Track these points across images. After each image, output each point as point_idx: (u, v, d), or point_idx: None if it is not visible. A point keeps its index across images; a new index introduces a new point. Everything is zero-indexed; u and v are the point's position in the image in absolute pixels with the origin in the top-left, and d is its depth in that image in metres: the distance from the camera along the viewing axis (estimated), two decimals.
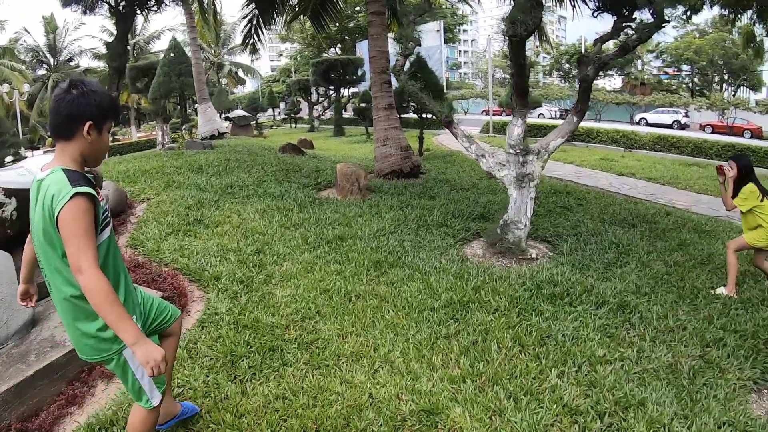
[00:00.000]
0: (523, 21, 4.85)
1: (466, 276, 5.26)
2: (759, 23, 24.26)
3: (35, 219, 2.29)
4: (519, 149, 5.73)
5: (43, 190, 2.21)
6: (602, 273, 5.64)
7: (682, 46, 60.40)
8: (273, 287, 5.15)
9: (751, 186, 5.33)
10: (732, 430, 3.19)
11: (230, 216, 7.36)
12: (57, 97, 2.26)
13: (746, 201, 5.33)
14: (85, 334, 2.38)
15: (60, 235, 2.17)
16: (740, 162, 5.47)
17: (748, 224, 5.49)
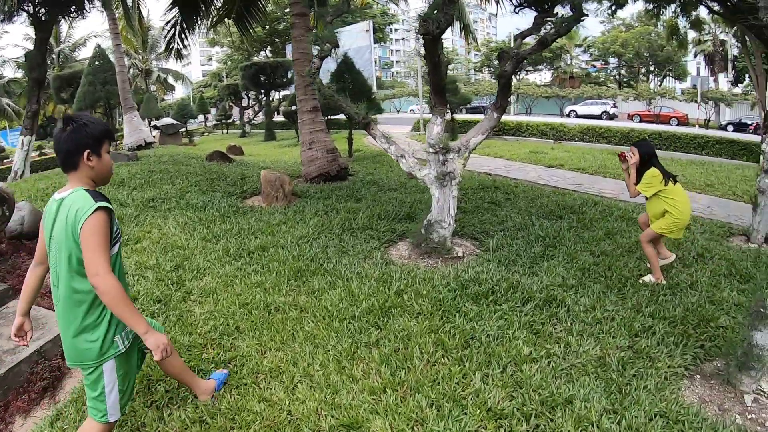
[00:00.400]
0: (435, 18, 4.74)
1: (389, 280, 5.12)
2: (682, 16, 25.16)
3: (56, 233, 2.59)
4: (439, 148, 5.62)
5: (66, 206, 2.55)
6: (529, 268, 5.57)
7: (609, 39, 62.23)
8: (191, 304, 4.93)
9: (653, 170, 5.26)
10: (664, 421, 3.14)
11: (150, 231, 7.07)
12: (56, 137, 2.63)
13: (650, 186, 5.27)
14: (84, 341, 2.63)
15: (80, 245, 2.49)
16: (642, 148, 5.45)
17: (654, 211, 5.42)
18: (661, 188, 5.22)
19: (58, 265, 2.59)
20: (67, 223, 2.51)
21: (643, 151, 5.41)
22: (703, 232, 7.48)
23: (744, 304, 4.78)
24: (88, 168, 2.64)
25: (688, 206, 5.32)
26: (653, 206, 5.40)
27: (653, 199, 5.34)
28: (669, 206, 5.22)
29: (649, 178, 5.26)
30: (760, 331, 3.41)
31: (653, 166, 5.29)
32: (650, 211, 5.50)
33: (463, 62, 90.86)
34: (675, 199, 5.23)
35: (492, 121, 5.95)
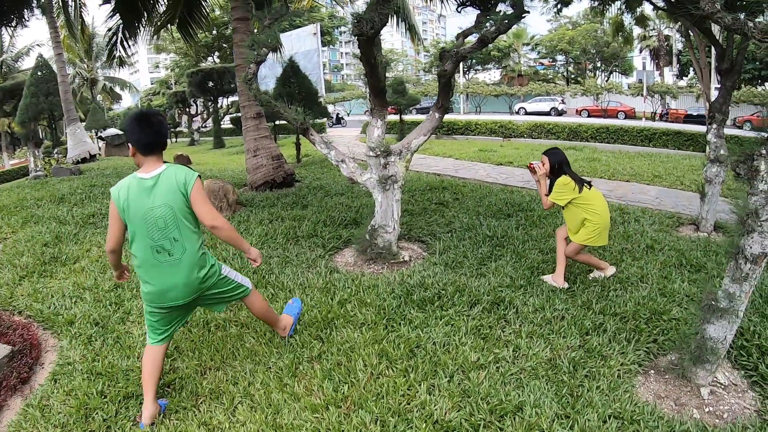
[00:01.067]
0: (369, 19, 4.58)
1: (333, 290, 4.97)
2: (627, 13, 25.64)
3: (160, 199, 3.21)
4: (380, 151, 5.48)
5: (169, 176, 3.23)
6: (476, 269, 5.47)
7: (556, 37, 63.32)
8: (130, 325, 4.69)
9: (564, 178, 5.00)
10: (618, 423, 3.06)
11: (90, 249, 6.81)
12: (151, 125, 3.26)
13: (562, 194, 5.00)
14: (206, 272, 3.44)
15: (190, 205, 3.27)
16: (552, 157, 5.18)
17: (573, 221, 5.09)
18: (575, 195, 4.96)
19: (178, 232, 3.26)
20: (177, 186, 3.22)
21: (553, 159, 5.15)
22: (653, 223, 7.51)
23: (696, 295, 4.77)
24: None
25: (606, 210, 5.10)
26: (571, 216, 5.11)
27: (570, 208, 5.07)
28: (588, 213, 4.96)
29: (560, 186, 5.02)
30: (712, 324, 3.36)
31: (564, 174, 5.07)
32: (569, 221, 5.20)
33: (412, 63, 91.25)
34: (592, 203, 4.99)
35: (434, 122, 5.84)
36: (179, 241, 3.26)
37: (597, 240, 5.05)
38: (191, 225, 3.32)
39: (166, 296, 3.34)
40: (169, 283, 3.31)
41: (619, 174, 12.27)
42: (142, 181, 3.21)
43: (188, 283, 3.34)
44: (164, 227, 3.21)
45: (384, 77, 5.36)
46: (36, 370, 4.24)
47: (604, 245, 5.46)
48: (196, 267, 3.34)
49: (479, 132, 23.98)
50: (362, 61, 5.04)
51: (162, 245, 3.24)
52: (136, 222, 3.22)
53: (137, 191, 3.20)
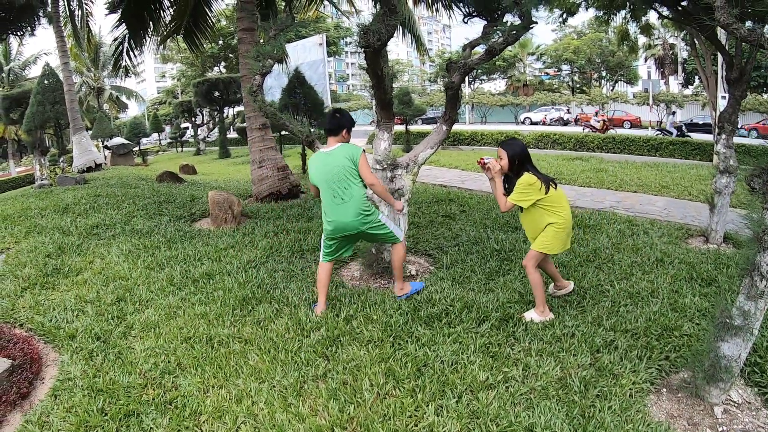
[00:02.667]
0: (376, 30, 4.52)
1: (338, 305, 4.89)
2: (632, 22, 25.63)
3: (337, 167, 4.69)
4: (386, 164, 5.41)
5: (344, 150, 4.74)
6: (484, 284, 5.38)
7: (561, 47, 63.39)
8: (132, 340, 4.61)
9: (528, 176, 4.42)
10: None
11: (93, 261, 6.74)
12: (332, 118, 4.91)
13: (527, 196, 4.43)
14: (366, 216, 4.76)
15: (357, 168, 4.69)
16: (511, 149, 4.54)
17: (535, 226, 4.58)
18: (541, 196, 4.43)
19: (347, 184, 4.69)
20: (348, 156, 4.69)
21: (511, 153, 4.52)
22: (661, 235, 7.42)
23: (708, 310, 4.68)
24: (342, 136, 4.88)
25: (570, 212, 4.63)
26: (533, 219, 4.59)
27: (531, 211, 4.53)
28: (554, 215, 4.47)
29: (524, 186, 4.42)
30: (726, 342, 3.28)
31: (527, 171, 4.49)
32: (528, 226, 4.69)
33: (418, 73, 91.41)
34: (558, 205, 4.49)
35: (441, 134, 5.76)
36: (348, 190, 4.68)
37: (558, 246, 4.57)
38: (356, 182, 4.70)
39: (338, 228, 4.77)
40: (340, 219, 4.73)
41: (626, 185, 12.17)
42: (324, 153, 4.81)
43: (352, 221, 4.71)
44: (338, 180, 4.68)
45: (391, 89, 5.29)
46: (36, 385, 4.16)
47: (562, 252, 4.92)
48: (359, 210, 4.70)
49: (485, 142, 23.89)
50: (368, 73, 4.98)
51: (337, 192, 4.70)
52: (321, 179, 4.76)
53: (322, 159, 4.79)
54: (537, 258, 4.56)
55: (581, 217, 8.23)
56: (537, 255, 4.55)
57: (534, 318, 4.53)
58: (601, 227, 7.70)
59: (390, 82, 5.17)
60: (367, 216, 4.75)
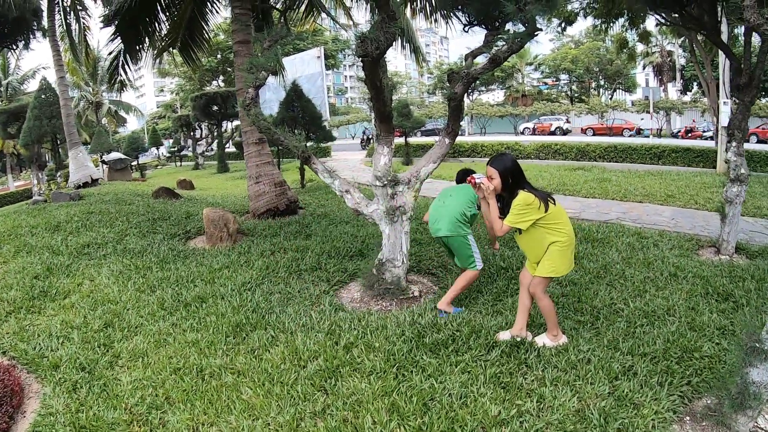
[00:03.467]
0: (374, 38, 4.26)
1: (338, 332, 4.58)
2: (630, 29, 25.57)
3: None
4: (387, 180, 5.13)
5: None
6: (492, 306, 5.09)
7: (559, 57, 63.61)
8: (119, 371, 4.36)
9: (525, 196, 3.98)
10: None
11: (82, 283, 6.49)
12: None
13: (525, 215, 4.00)
14: (453, 225, 5.02)
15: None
16: (502, 165, 4.08)
17: (537, 248, 4.15)
18: (541, 215, 4.02)
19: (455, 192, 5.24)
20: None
21: (503, 168, 4.07)
22: (672, 247, 7.17)
23: (727, 328, 4.46)
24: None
25: (572, 228, 4.25)
26: (533, 240, 4.16)
27: (531, 231, 4.10)
28: (556, 234, 4.07)
29: (521, 206, 3.97)
30: (755, 367, 3.03)
31: (521, 189, 4.05)
32: (529, 247, 4.25)
33: (416, 86, 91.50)
34: (559, 222, 4.10)
35: (443, 148, 5.49)
36: (452, 197, 5.17)
37: (566, 266, 4.18)
38: (461, 198, 5.12)
39: (432, 227, 5.20)
40: (434, 220, 5.17)
41: (631, 194, 11.93)
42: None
43: (441, 226, 5.06)
44: (449, 190, 5.32)
45: (390, 101, 5.03)
46: (17, 418, 3.94)
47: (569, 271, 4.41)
48: (452, 220, 5.02)
49: (486, 154, 23.61)
50: (367, 84, 4.69)
51: (444, 198, 5.24)
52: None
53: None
54: (545, 284, 4.23)
55: (588, 230, 7.96)
56: (545, 281, 4.21)
57: (547, 343, 4.24)
58: (610, 240, 7.44)
59: (390, 94, 4.91)
60: (456, 229, 5.03)
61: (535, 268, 4.21)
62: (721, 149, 16.64)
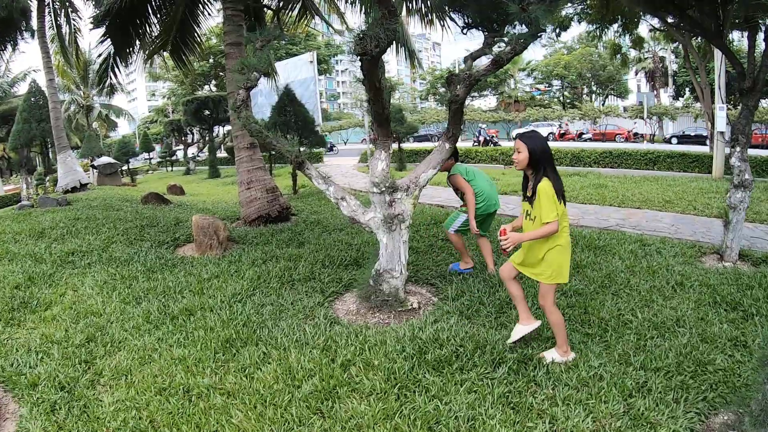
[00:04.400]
0: (374, 36, 4.00)
1: (334, 347, 4.30)
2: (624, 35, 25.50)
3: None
4: (384, 187, 4.88)
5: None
6: (495, 318, 4.84)
7: (552, 62, 63.74)
8: (100, 390, 4.07)
9: (547, 185, 3.72)
10: None
11: (65, 293, 6.20)
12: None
13: (553, 206, 3.71)
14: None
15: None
16: (531, 142, 3.82)
17: (534, 246, 3.91)
18: (562, 210, 3.79)
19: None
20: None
21: (532, 146, 3.80)
22: (675, 255, 6.96)
23: (738, 339, 4.28)
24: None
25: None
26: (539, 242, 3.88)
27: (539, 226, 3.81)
28: (562, 235, 3.84)
29: (550, 196, 3.70)
30: None
31: (546, 177, 3.76)
32: (530, 252, 3.98)
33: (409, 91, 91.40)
34: (565, 223, 3.85)
35: (443, 153, 5.25)
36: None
37: (567, 271, 3.95)
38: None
39: (493, 203, 6.30)
40: (493, 195, 6.28)
41: (629, 200, 11.73)
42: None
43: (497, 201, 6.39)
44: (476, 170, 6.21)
45: (389, 104, 4.78)
46: None
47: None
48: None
49: (480, 159, 23.46)
50: (365, 86, 4.41)
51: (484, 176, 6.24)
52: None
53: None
54: (553, 293, 3.96)
55: (589, 238, 7.74)
56: (552, 289, 3.94)
57: (556, 358, 4.00)
58: (612, 248, 7.23)
59: (388, 96, 4.66)
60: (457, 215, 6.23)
61: (524, 266, 4.04)
62: (716, 154, 16.54)
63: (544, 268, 3.89)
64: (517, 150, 3.89)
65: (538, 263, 3.92)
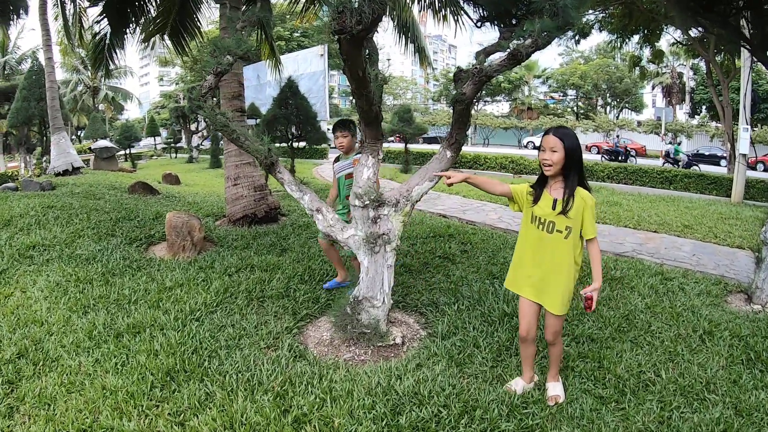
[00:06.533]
0: (357, 9, 3.18)
1: (290, 394, 3.50)
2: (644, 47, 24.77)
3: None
4: (368, 200, 4.07)
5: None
6: (491, 367, 4.01)
7: (568, 71, 63.04)
8: (16, 422, 3.36)
9: (589, 196, 3.27)
10: None
11: (11, 294, 5.48)
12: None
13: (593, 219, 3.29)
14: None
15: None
16: (569, 141, 3.21)
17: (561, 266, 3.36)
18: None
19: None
20: None
21: (569, 145, 3.20)
22: (699, 293, 6.13)
23: None
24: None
25: None
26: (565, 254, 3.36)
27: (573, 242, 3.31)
28: (581, 254, 3.40)
29: (589, 204, 3.25)
30: None
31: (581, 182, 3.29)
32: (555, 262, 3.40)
33: (421, 92, 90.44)
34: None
35: (443, 162, 4.42)
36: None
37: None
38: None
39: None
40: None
41: (645, 222, 10.93)
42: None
43: None
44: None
45: (379, 99, 3.95)
46: None
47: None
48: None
49: (488, 166, 22.66)
50: (346, 75, 3.59)
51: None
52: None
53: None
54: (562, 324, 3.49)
55: (605, 266, 6.90)
56: (562, 320, 3.48)
57: (559, 394, 3.57)
58: (630, 280, 6.41)
59: (379, 90, 3.85)
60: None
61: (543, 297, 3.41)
62: (737, 177, 15.81)
63: (563, 295, 3.35)
64: (551, 149, 3.21)
65: (556, 291, 3.35)
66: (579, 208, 3.21)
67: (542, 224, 3.32)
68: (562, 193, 3.24)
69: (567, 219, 3.23)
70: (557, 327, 3.44)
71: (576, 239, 3.28)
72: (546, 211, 3.30)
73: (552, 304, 3.37)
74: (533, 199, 3.39)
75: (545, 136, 3.25)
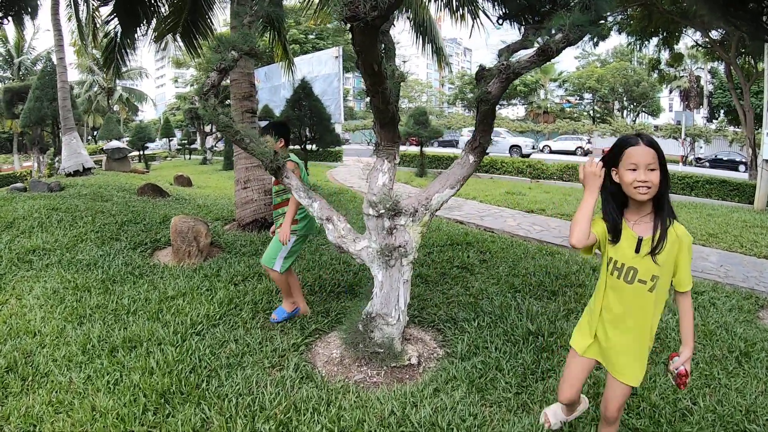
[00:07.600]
0: None
1: (294, 423, 3.17)
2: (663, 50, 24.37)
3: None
4: (384, 208, 3.73)
5: None
6: (516, 394, 3.63)
7: (585, 75, 62.60)
8: None
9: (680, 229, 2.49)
10: None
11: (7, 302, 5.25)
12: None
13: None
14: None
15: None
16: (662, 153, 2.42)
17: (646, 326, 2.59)
18: None
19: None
20: None
21: (664, 160, 2.41)
22: (731, 308, 5.78)
23: None
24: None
25: None
26: (654, 307, 2.56)
27: (661, 293, 2.55)
28: (662, 309, 2.62)
29: (690, 249, 2.47)
30: None
31: (671, 213, 2.46)
32: (643, 322, 2.60)
33: (437, 95, 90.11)
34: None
35: (466, 168, 4.08)
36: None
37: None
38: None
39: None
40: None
41: None
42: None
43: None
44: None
45: (396, 97, 3.61)
46: None
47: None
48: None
49: (505, 171, 22.22)
50: (360, 70, 3.21)
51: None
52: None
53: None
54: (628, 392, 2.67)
55: None
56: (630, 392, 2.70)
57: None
58: None
59: (396, 88, 3.50)
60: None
61: (612, 361, 2.65)
62: (760, 184, 15.35)
63: (641, 363, 2.64)
64: (647, 166, 2.37)
65: (634, 357, 2.62)
66: (672, 250, 2.45)
67: (618, 270, 2.56)
68: (651, 229, 2.45)
69: (655, 265, 2.46)
70: (624, 401, 2.70)
71: (664, 292, 2.56)
72: (627, 254, 2.52)
73: (623, 372, 2.62)
74: (612, 236, 2.58)
75: (632, 147, 2.41)
